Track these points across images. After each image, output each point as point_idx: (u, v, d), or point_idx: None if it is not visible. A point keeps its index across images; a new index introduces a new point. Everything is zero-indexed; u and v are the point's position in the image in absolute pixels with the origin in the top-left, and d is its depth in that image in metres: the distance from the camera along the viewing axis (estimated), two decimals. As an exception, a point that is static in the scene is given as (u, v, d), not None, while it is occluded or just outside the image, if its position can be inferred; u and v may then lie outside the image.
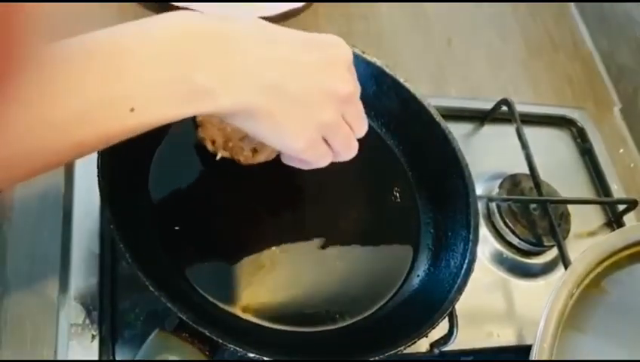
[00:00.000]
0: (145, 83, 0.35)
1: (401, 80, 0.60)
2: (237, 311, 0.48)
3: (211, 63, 0.37)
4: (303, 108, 0.41)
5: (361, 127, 0.47)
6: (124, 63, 0.35)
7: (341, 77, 0.43)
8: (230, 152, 0.53)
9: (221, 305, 0.48)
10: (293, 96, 0.40)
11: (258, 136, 0.43)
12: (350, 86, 0.44)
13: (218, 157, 0.53)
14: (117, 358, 0.48)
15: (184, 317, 0.41)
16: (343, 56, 0.44)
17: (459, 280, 0.50)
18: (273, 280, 0.51)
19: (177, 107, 0.37)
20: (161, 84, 0.36)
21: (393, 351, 0.44)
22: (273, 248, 0.52)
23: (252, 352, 0.42)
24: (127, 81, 0.35)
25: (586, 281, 0.48)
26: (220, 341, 0.42)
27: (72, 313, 0.49)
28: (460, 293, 0.49)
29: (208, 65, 0.37)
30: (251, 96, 0.39)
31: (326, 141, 0.45)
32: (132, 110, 0.35)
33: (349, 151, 0.47)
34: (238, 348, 0.42)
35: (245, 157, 0.54)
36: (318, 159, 0.45)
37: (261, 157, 0.55)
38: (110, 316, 0.49)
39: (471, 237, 0.52)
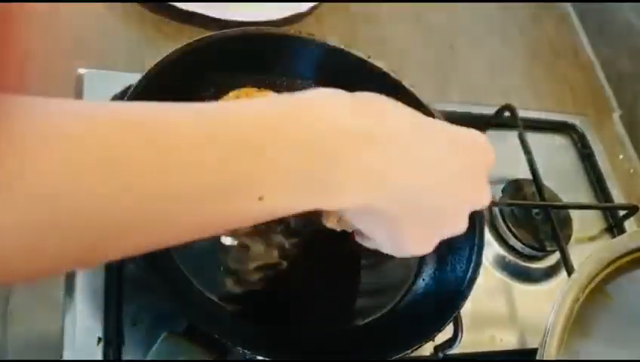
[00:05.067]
0: (281, 171, 0.31)
1: (407, 85, 0.60)
2: (245, 313, 0.48)
3: (352, 163, 0.33)
4: (433, 218, 0.37)
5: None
6: (266, 145, 0.31)
7: (481, 188, 0.39)
8: None
9: (229, 307, 0.48)
10: (427, 205, 0.36)
11: (371, 235, 0.39)
12: (488, 198, 0.40)
13: None
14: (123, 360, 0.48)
15: (194, 320, 0.42)
16: (487, 162, 0.40)
17: (465, 284, 0.51)
18: (281, 285, 0.51)
19: (305, 201, 0.33)
20: (297, 175, 0.32)
21: (402, 354, 0.45)
22: (283, 253, 0.52)
23: (260, 355, 0.42)
24: (265, 168, 0.31)
25: (591, 286, 0.49)
26: (229, 343, 0.42)
27: (78, 315, 0.49)
28: (467, 297, 0.50)
29: (349, 165, 0.33)
30: (383, 200, 0.35)
31: None
32: (261, 198, 0.31)
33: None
34: (247, 351, 0.42)
35: None
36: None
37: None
38: (116, 318, 0.49)
39: (476, 241, 0.53)
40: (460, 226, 0.39)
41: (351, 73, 0.61)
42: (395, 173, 0.35)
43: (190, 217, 0.30)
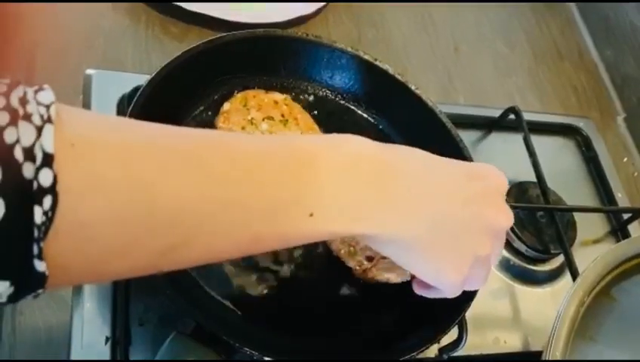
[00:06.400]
0: (329, 193, 0.36)
1: (413, 87, 0.60)
2: (252, 314, 0.48)
3: (383, 189, 0.38)
4: (460, 239, 0.40)
5: (497, 260, 0.45)
6: (319, 169, 0.36)
7: (499, 208, 0.42)
8: None
9: (236, 308, 0.48)
10: (452, 228, 0.40)
11: (408, 266, 0.42)
12: (509, 218, 0.43)
13: None
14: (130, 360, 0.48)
15: (201, 321, 0.42)
16: (500, 185, 0.43)
17: (470, 286, 0.50)
18: (288, 286, 0.51)
19: (346, 224, 0.37)
20: (340, 196, 0.36)
21: (407, 356, 0.45)
22: (288, 256, 0.53)
23: (267, 356, 0.43)
24: (315, 186, 0.36)
25: (597, 289, 0.49)
26: (237, 344, 0.42)
27: (86, 315, 0.49)
28: (472, 300, 0.50)
29: (381, 191, 0.38)
30: (411, 227, 0.39)
31: None
32: (311, 215, 0.35)
33: (481, 284, 0.44)
34: (254, 352, 0.42)
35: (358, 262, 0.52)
36: (457, 291, 0.43)
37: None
38: (124, 318, 0.49)
39: (481, 244, 0.53)
40: (486, 248, 0.41)
41: (357, 75, 0.62)
42: (418, 201, 0.39)
43: (251, 228, 0.34)
